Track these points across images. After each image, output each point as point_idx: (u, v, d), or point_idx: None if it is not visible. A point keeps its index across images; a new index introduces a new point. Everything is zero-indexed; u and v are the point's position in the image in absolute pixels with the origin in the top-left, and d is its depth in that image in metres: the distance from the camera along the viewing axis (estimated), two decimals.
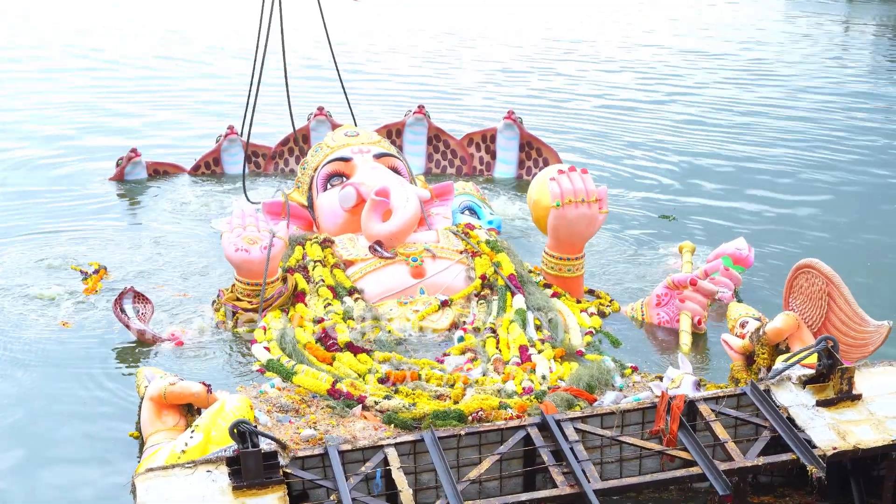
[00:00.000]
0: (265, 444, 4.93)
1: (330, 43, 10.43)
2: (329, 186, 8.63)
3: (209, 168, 11.42)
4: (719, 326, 7.18)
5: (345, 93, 10.67)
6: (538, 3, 25.89)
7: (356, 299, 7.37)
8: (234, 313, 7.38)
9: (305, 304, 7.36)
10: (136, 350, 7.08)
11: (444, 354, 6.86)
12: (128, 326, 7.18)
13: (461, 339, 7.01)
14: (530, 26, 22.24)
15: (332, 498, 4.93)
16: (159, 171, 11.33)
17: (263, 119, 10.54)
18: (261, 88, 9.66)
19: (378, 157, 8.68)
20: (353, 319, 7.14)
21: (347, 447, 5.21)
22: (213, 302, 7.69)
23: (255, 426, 4.94)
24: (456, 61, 17.97)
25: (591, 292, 8.11)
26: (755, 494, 5.48)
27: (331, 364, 6.65)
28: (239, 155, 11.11)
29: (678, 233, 9.47)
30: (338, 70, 10.57)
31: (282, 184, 10.57)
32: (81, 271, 8.43)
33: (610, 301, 7.95)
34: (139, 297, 7.48)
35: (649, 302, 7.68)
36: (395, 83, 16.04)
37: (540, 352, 6.76)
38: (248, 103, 9.72)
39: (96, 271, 8.37)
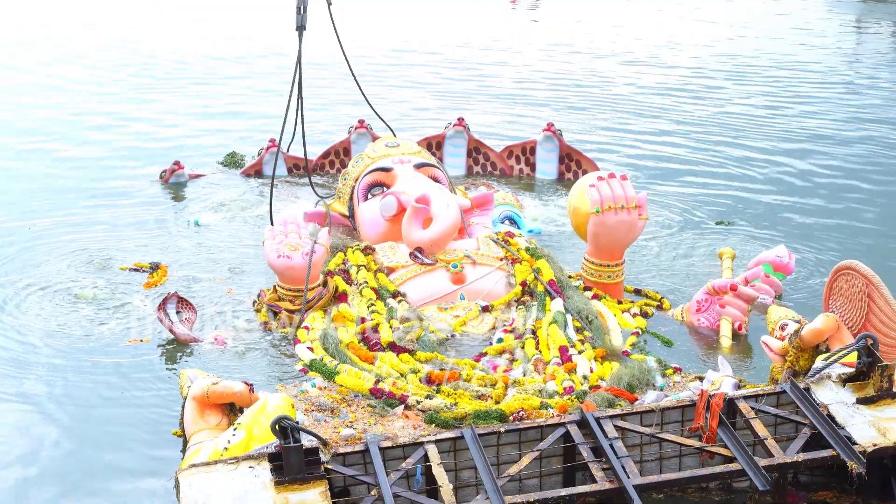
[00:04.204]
0: (306, 441, 4.98)
1: (346, 56, 10.51)
2: (370, 196, 8.71)
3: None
4: (760, 328, 7.16)
5: (369, 103, 10.80)
6: (574, 10, 25.99)
7: (399, 301, 7.43)
8: (275, 314, 7.46)
9: (348, 305, 7.43)
10: (179, 352, 7.16)
11: (481, 354, 6.91)
12: (171, 331, 7.27)
13: (500, 341, 7.05)
14: (566, 35, 22.29)
15: (372, 493, 4.97)
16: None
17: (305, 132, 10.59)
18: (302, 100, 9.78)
19: (418, 166, 8.75)
20: (397, 320, 7.20)
21: (388, 444, 5.25)
22: (254, 302, 7.79)
23: (297, 423, 4.99)
24: (495, 73, 18.00)
25: (637, 292, 8.14)
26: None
27: (372, 364, 6.71)
28: (280, 167, 11.20)
29: (732, 238, 9.43)
30: (357, 81, 10.67)
31: (327, 197, 10.62)
32: (132, 269, 8.58)
33: (660, 299, 7.98)
34: (183, 302, 7.56)
35: (689, 308, 7.68)
36: (435, 95, 16.09)
37: (580, 352, 6.79)
38: (283, 128, 9.81)
39: (154, 268, 8.50)
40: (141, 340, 7.37)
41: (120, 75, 17.44)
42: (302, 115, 9.94)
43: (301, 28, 9.44)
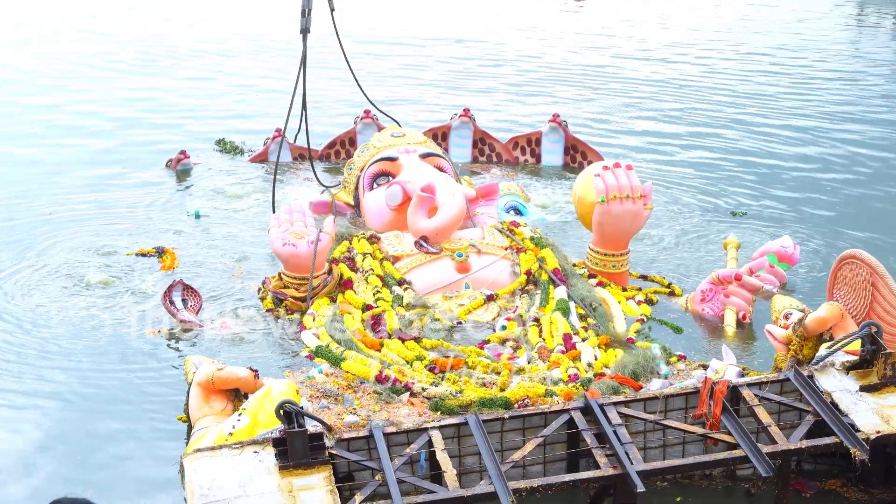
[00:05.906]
0: (311, 426, 4.99)
1: (347, 60, 10.55)
2: (375, 185, 8.71)
3: None
4: (764, 317, 7.16)
5: (372, 102, 10.88)
6: (590, 6, 26.09)
7: (405, 289, 7.44)
8: (281, 301, 7.47)
9: (354, 292, 7.44)
10: (185, 338, 7.18)
11: (485, 342, 6.93)
12: (176, 317, 7.29)
13: (503, 328, 7.06)
14: (572, 27, 22.33)
15: (376, 478, 4.99)
16: None
17: (311, 121, 10.61)
18: (307, 89, 9.81)
19: (424, 156, 8.76)
20: (403, 307, 7.21)
21: (392, 429, 5.27)
22: (259, 290, 7.80)
23: (301, 408, 5.00)
24: (502, 64, 17.99)
25: (644, 277, 8.16)
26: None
27: (379, 350, 6.73)
28: (287, 157, 11.20)
29: (738, 228, 9.42)
30: (358, 83, 10.73)
31: (333, 186, 10.63)
32: (139, 254, 8.63)
33: (668, 285, 8.00)
34: (188, 289, 7.58)
35: (694, 297, 7.68)
36: (438, 87, 16.10)
37: (584, 340, 6.80)
38: (288, 123, 9.81)
39: (160, 252, 8.52)
40: (159, 332, 7.36)
41: (125, 70, 17.48)
42: (305, 113, 9.97)
43: (305, 31, 9.49)
